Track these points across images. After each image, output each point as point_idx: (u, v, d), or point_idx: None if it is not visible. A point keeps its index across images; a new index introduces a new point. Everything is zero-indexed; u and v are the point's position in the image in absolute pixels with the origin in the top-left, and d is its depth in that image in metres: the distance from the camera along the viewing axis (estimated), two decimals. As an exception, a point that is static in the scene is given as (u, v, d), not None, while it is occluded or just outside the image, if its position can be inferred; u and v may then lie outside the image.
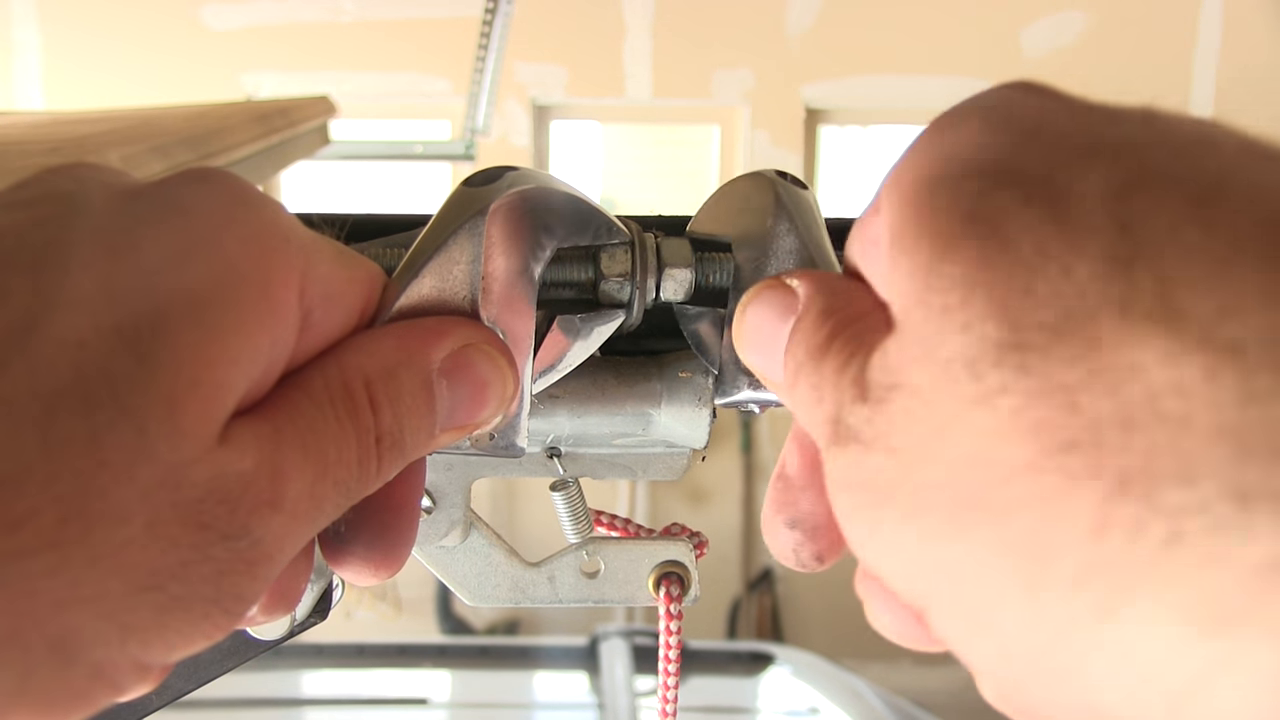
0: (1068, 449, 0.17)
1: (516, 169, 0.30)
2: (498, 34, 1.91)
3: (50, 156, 0.72)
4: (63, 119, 1.10)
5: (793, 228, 0.32)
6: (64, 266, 0.22)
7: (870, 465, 0.21)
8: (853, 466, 0.22)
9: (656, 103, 3.37)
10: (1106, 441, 0.17)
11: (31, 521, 0.20)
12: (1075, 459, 0.17)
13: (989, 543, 0.19)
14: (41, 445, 0.20)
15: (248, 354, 0.23)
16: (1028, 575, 0.18)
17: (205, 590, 0.22)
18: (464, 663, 2.00)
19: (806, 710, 1.78)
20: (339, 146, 1.71)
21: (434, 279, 0.29)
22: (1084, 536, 0.17)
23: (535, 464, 0.40)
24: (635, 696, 1.70)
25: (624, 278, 0.32)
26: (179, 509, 0.22)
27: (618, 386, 0.37)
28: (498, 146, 3.18)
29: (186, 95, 2.37)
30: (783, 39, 3.32)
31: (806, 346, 0.25)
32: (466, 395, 0.28)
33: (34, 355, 0.21)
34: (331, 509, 0.25)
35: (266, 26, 3.27)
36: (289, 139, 1.29)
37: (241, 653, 0.40)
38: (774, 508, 0.28)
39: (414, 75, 3.30)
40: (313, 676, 1.92)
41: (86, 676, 0.21)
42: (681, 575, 0.43)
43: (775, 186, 0.33)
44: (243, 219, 0.25)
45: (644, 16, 3.30)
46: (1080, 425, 0.17)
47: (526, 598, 0.43)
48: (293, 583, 0.28)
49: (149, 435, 0.21)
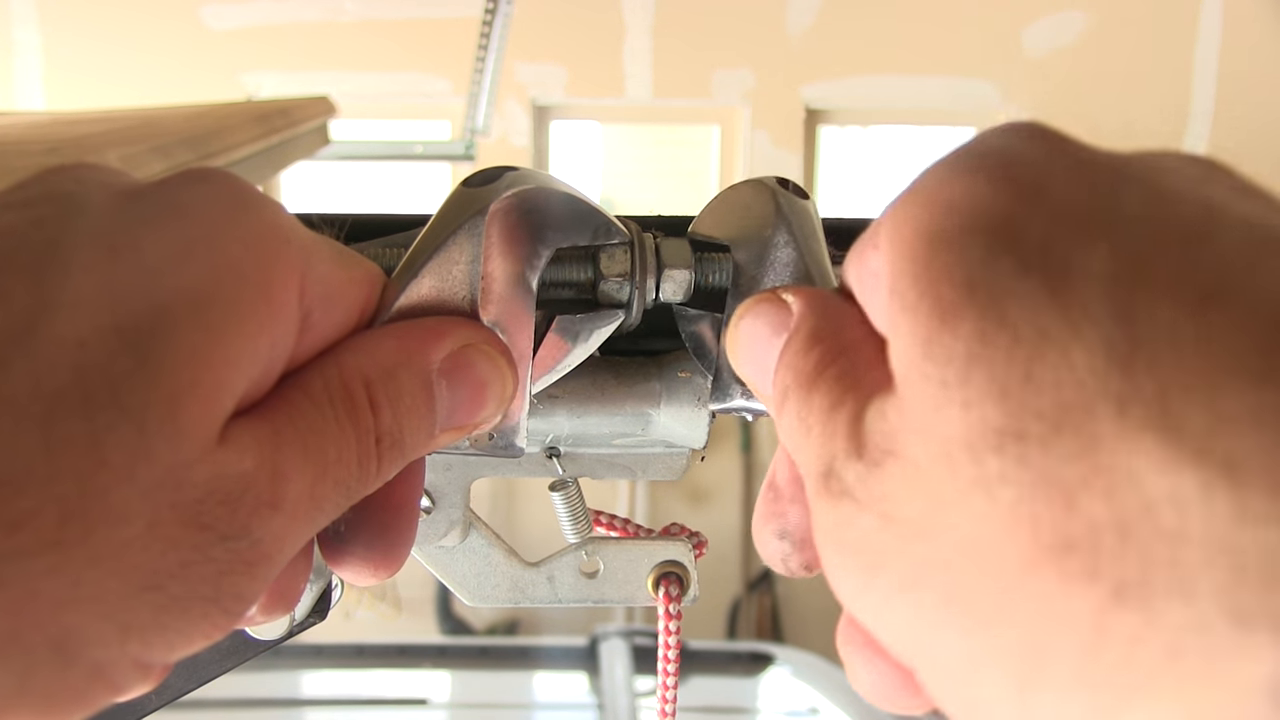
0: (1065, 551, 0.17)
1: (516, 169, 0.30)
2: (498, 34, 1.91)
3: (50, 156, 0.72)
4: (62, 119, 1.10)
5: (791, 239, 0.32)
6: (64, 267, 0.22)
7: (863, 527, 0.21)
8: (845, 525, 0.22)
9: (656, 103, 3.37)
10: (1104, 547, 0.17)
11: (32, 521, 0.20)
12: (1073, 562, 0.17)
13: (985, 637, 0.19)
14: (42, 445, 0.20)
15: (248, 354, 0.23)
16: (1023, 675, 0.18)
17: (205, 590, 0.22)
18: (464, 663, 2.00)
19: (806, 710, 1.78)
20: (339, 146, 1.71)
21: (433, 279, 0.29)
22: (1082, 643, 0.17)
23: (534, 464, 0.40)
24: (635, 697, 1.70)
25: (623, 278, 0.33)
26: (179, 509, 0.22)
27: (617, 386, 0.37)
28: (498, 147, 3.18)
29: (186, 95, 2.37)
30: (783, 39, 3.32)
31: (795, 371, 0.25)
32: (466, 395, 0.28)
33: (35, 355, 0.21)
34: (331, 509, 0.26)
35: (267, 26, 3.27)
36: (289, 139, 1.29)
37: (241, 653, 0.40)
38: (763, 518, 0.28)
39: (414, 75, 3.30)
40: (312, 676, 1.92)
41: (86, 676, 0.21)
42: (681, 575, 0.43)
43: (776, 196, 0.33)
44: (243, 219, 0.25)
45: (644, 16, 3.30)
46: (1078, 527, 0.17)
47: (526, 598, 0.43)
48: (292, 583, 0.28)
49: (149, 435, 0.21)
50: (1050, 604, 0.17)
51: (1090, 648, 0.17)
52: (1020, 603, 0.18)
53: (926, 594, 0.20)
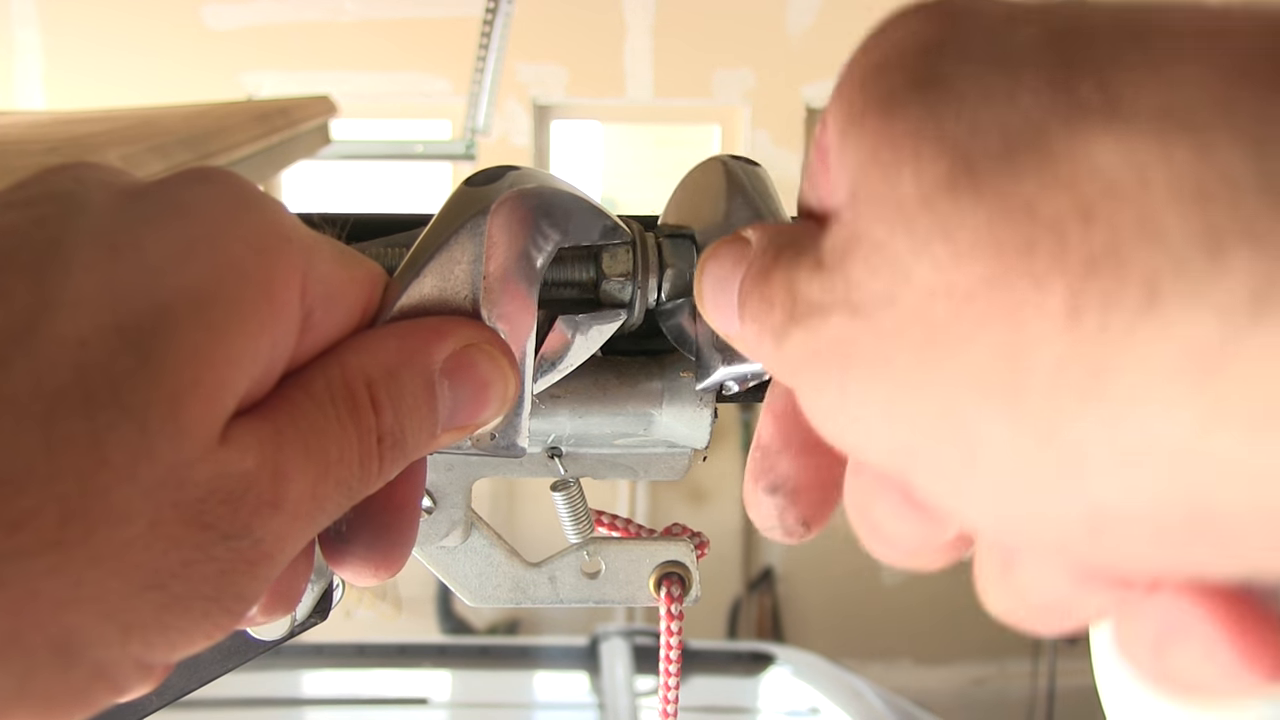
0: (1029, 253, 0.17)
1: (518, 168, 0.30)
2: (498, 34, 1.91)
3: (50, 156, 0.72)
4: (63, 118, 1.10)
5: (747, 201, 0.32)
6: (65, 266, 0.22)
7: (829, 331, 0.21)
8: (811, 338, 0.21)
9: (657, 102, 3.37)
10: (1070, 233, 0.17)
11: (33, 521, 0.20)
12: (1038, 259, 0.17)
13: (960, 367, 0.18)
14: (44, 445, 0.20)
15: (249, 353, 0.23)
16: (1004, 385, 0.18)
17: (207, 589, 0.22)
18: (464, 663, 2.00)
19: (807, 710, 1.78)
20: (340, 146, 1.71)
21: (435, 278, 0.29)
22: (1056, 328, 0.17)
23: (536, 464, 0.40)
24: (636, 697, 1.70)
25: (625, 277, 0.33)
26: (181, 508, 0.22)
27: (619, 386, 0.37)
28: (498, 146, 3.18)
29: (187, 95, 2.37)
30: (783, 39, 3.32)
31: (754, 272, 0.24)
32: (468, 396, 0.28)
33: (36, 355, 0.21)
34: (333, 509, 0.25)
35: (267, 26, 3.27)
36: (289, 138, 1.29)
37: (242, 653, 0.40)
38: (753, 477, 0.28)
39: (414, 75, 3.30)
40: (313, 676, 1.93)
41: (88, 676, 0.21)
42: (682, 575, 0.43)
43: (726, 165, 0.34)
44: (244, 218, 0.25)
45: (645, 16, 3.30)
46: (1040, 228, 0.17)
47: (527, 598, 0.43)
48: (293, 583, 0.28)
49: (151, 435, 0.21)
50: (1020, 307, 0.17)
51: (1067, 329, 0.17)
52: (989, 320, 0.18)
53: (898, 365, 0.19)
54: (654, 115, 3.49)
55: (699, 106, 3.42)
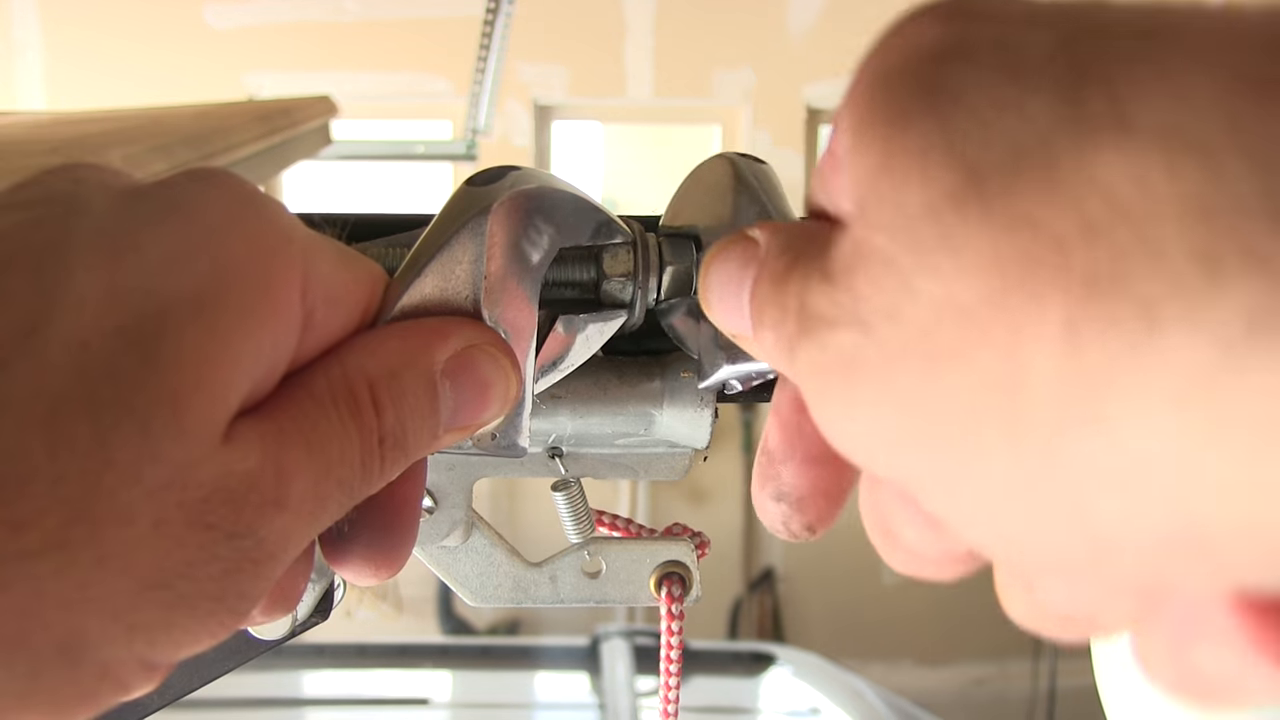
0: (1030, 269, 0.17)
1: (519, 169, 0.30)
2: (499, 34, 1.91)
3: (51, 156, 0.72)
4: (64, 119, 1.10)
5: (754, 199, 0.32)
6: (66, 267, 0.22)
7: (837, 344, 0.21)
8: (820, 350, 0.21)
9: (658, 102, 3.37)
10: (1072, 249, 0.17)
11: (38, 522, 0.20)
12: (1039, 276, 0.17)
13: (960, 386, 0.18)
14: (47, 446, 0.20)
15: (251, 353, 0.23)
16: (1003, 402, 0.18)
17: (211, 589, 0.22)
18: (465, 663, 2.00)
19: (807, 710, 1.78)
20: (341, 146, 1.71)
21: (436, 279, 0.29)
22: (1055, 347, 0.17)
23: (537, 464, 0.40)
24: (636, 697, 1.70)
25: (626, 277, 0.33)
26: (184, 508, 0.22)
27: (620, 386, 0.37)
28: (499, 146, 3.18)
29: (188, 95, 2.37)
30: (784, 38, 3.32)
31: (770, 277, 0.24)
32: (470, 396, 0.28)
33: (38, 356, 0.21)
34: (334, 508, 0.26)
35: (268, 26, 3.27)
36: (291, 139, 1.29)
37: (243, 652, 0.40)
38: (759, 483, 0.28)
39: (415, 75, 3.30)
40: (313, 676, 1.93)
41: (94, 676, 0.21)
42: (683, 575, 0.43)
43: (733, 165, 0.33)
44: (245, 219, 0.25)
45: (645, 16, 3.30)
46: (1042, 243, 0.17)
47: (528, 598, 0.43)
48: (293, 582, 0.28)
49: (154, 435, 0.21)
50: (1020, 324, 0.17)
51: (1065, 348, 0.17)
52: (990, 336, 0.18)
53: (903, 380, 0.19)
54: (654, 115, 3.49)
55: (700, 106, 3.42)
